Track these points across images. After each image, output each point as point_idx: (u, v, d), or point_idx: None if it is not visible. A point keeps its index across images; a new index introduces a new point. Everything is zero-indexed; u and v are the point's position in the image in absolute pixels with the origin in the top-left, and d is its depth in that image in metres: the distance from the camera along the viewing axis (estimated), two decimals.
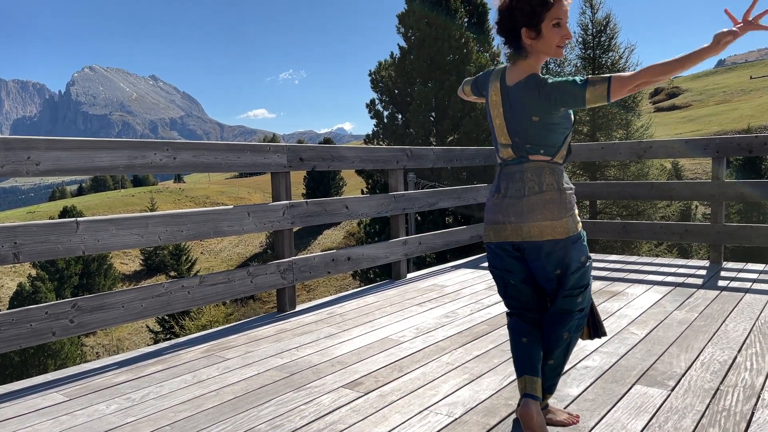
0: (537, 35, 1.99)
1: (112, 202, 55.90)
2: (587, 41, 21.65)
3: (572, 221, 2.05)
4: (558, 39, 2.00)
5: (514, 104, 2.07)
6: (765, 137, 4.99)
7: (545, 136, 2.04)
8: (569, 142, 2.10)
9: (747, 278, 4.62)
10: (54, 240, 2.79)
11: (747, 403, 2.30)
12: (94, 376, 2.82)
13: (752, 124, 44.61)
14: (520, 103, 2.05)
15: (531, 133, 2.05)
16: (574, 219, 2.06)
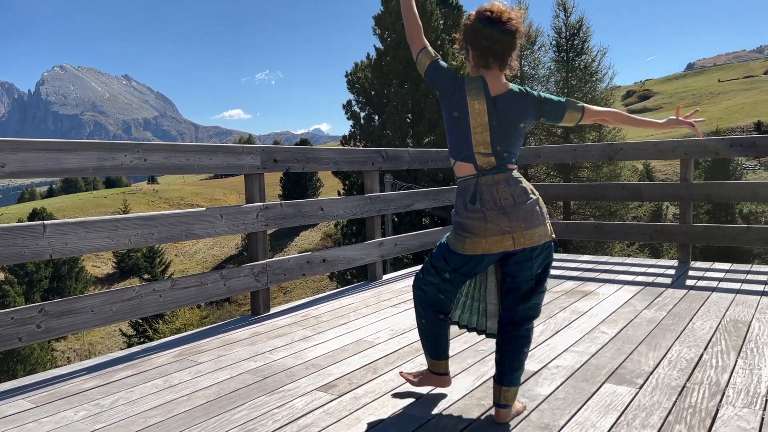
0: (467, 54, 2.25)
1: (83, 204, 54.83)
2: (561, 44, 21.93)
3: (550, 224, 2.24)
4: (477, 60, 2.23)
5: (504, 114, 2.18)
6: (730, 140, 5.12)
7: (518, 145, 2.23)
8: None
9: (713, 277, 4.73)
10: (20, 244, 2.73)
11: (712, 399, 2.36)
12: (63, 382, 2.76)
13: (720, 126, 45.67)
14: (512, 112, 2.18)
15: (512, 142, 2.19)
16: (548, 227, 2.23)
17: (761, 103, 61.01)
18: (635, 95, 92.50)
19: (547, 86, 22.64)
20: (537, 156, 6.23)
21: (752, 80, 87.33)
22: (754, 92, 73.04)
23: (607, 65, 22.15)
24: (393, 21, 18.35)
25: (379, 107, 18.42)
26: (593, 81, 21.58)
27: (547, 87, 22.66)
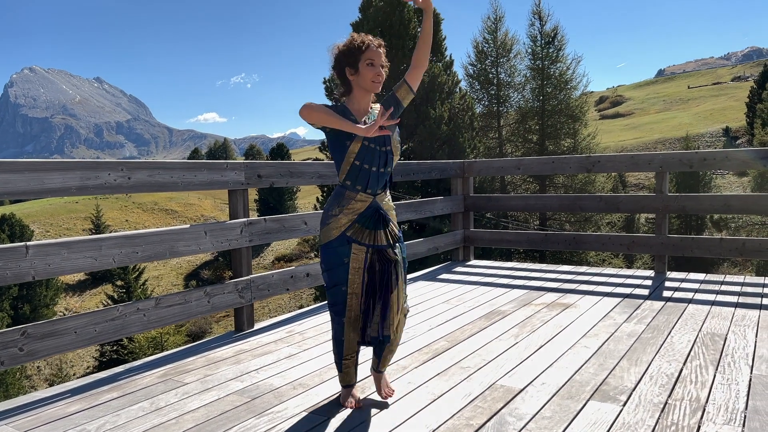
0: (355, 72, 2.50)
1: (54, 210, 53.71)
2: (536, 52, 22.24)
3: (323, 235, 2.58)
4: (372, 76, 2.48)
5: None
6: (704, 153, 5.26)
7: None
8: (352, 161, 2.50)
9: (689, 288, 4.85)
10: (1, 266, 2.69)
11: (693, 416, 2.42)
12: (46, 406, 2.72)
13: (690, 132, 46.68)
14: None
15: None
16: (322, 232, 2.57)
17: (729, 110, 62.51)
18: (608, 101, 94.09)
19: (523, 94, 22.95)
20: (517, 168, 6.31)
21: (720, 87, 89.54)
22: (722, 98, 74.83)
23: (582, 73, 22.45)
24: (371, 28, 18.40)
25: None
26: (568, 89, 21.93)
27: (522, 94, 22.96)
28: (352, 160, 2.49)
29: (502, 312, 4.24)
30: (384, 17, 18.33)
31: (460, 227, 6.41)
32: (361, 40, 2.50)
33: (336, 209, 2.54)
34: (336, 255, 2.55)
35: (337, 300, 2.59)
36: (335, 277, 2.57)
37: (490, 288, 5.09)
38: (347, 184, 2.54)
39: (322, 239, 2.57)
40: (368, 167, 2.50)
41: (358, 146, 2.48)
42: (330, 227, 2.55)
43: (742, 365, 3.01)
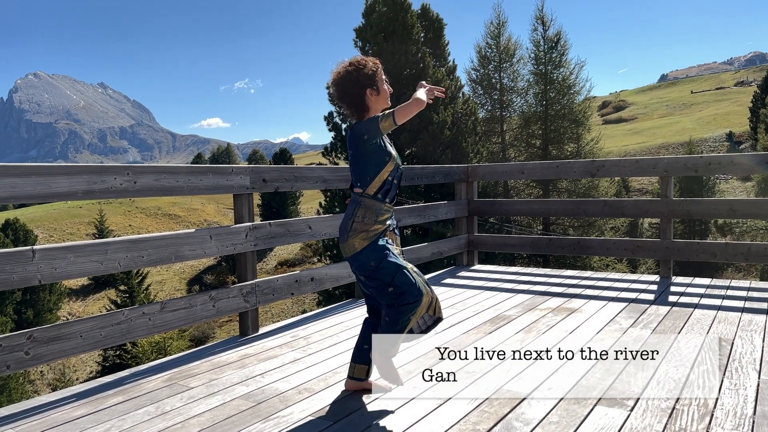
0: (377, 92, 2.67)
1: (58, 214, 53.84)
2: (539, 57, 22.25)
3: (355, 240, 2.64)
4: (389, 90, 2.72)
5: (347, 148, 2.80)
6: (709, 158, 5.25)
7: (357, 170, 2.68)
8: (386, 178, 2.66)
9: (695, 293, 4.83)
10: (8, 270, 2.69)
11: (702, 421, 2.41)
12: (51, 410, 2.72)
13: (693, 137, 46.62)
14: (348, 146, 2.71)
15: (354, 169, 2.70)
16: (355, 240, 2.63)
17: (732, 114, 62.41)
18: (611, 106, 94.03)
19: (526, 98, 22.96)
20: (521, 172, 6.31)
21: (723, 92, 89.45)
22: (725, 103, 74.73)
23: (585, 78, 22.50)
24: (374, 34, 18.46)
25: None
26: (571, 94, 21.93)
27: (525, 99, 22.97)
28: (386, 176, 2.67)
29: (507, 317, 4.23)
30: (387, 22, 18.37)
31: (464, 232, 6.41)
32: (372, 62, 2.69)
33: (372, 219, 2.66)
34: (381, 246, 2.64)
35: (408, 280, 2.61)
36: (395, 260, 2.63)
37: (494, 293, 5.07)
38: (378, 196, 2.68)
39: (358, 246, 2.63)
40: (396, 182, 2.73)
41: (393, 165, 2.69)
42: (367, 233, 2.64)
43: (749, 370, 2.99)
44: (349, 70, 2.66)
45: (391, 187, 2.70)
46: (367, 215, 2.66)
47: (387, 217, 2.71)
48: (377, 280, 2.63)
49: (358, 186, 2.69)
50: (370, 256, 2.62)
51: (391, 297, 2.62)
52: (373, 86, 2.66)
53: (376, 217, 2.66)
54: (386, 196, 2.70)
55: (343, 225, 2.70)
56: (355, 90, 2.65)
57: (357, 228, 2.64)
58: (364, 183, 2.66)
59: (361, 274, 2.69)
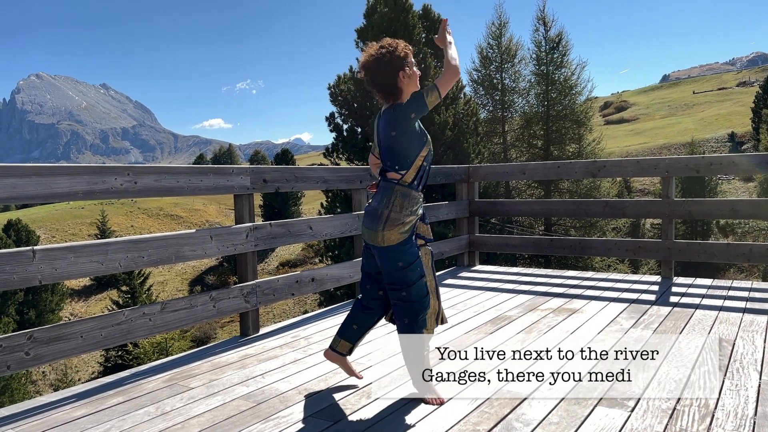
0: (409, 75, 2.64)
1: (60, 215, 53.92)
2: (540, 58, 22.24)
3: (386, 234, 2.61)
4: (418, 74, 2.69)
5: (380, 128, 2.73)
6: (710, 158, 5.24)
7: (395, 153, 2.65)
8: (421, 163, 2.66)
9: (696, 293, 4.82)
10: (9, 270, 2.69)
11: (702, 422, 2.40)
12: (52, 411, 2.72)
13: (695, 137, 46.56)
14: (384, 125, 2.69)
15: (389, 150, 2.66)
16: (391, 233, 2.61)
17: (734, 115, 62.29)
18: (612, 106, 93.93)
19: (528, 99, 22.95)
20: (522, 173, 6.30)
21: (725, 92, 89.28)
22: (727, 104, 74.60)
23: (586, 78, 22.45)
24: (375, 34, 18.44)
25: (363, 120, 18.47)
26: (573, 94, 21.91)
27: (527, 100, 22.96)
28: (421, 162, 2.68)
29: (508, 317, 4.22)
30: (388, 23, 18.37)
31: (465, 232, 6.40)
32: (404, 44, 2.68)
33: (408, 210, 2.65)
34: (414, 252, 2.68)
35: (422, 293, 2.67)
36: (420, 268, 2.68)
37: (495, 293, 5.07)
38: (414, 184, 2.68)
39: (393, 239, 2.62)
40: (428, 168, 2.75)
41: (428, 148, 2.70)
42: (404, 225, 2.63)
43: (750, 371, 2.98)
44: (382, 52, 2.64)
45: (424, 173, 2.72)
46: (405, 205, 2.65)
47: (419, 207, 2.72)
48: (397, 279, 2.65)
49: (395, 170, 2.66)
50: (401, 256, 2.64)
51: (400, 301, 2.68)
52: (405, 68, 2.64)
53: (412, 207, 2.67)
54: (420, 183, 2.71)
55: (376, 213, 2.65)
56: (389, 73, 2.63)
57: (394, 219, 2.62)
58: (404, 165, 2.64)
59: (383, 265, 2.68)
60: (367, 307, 2.88)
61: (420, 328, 2.70)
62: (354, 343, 2.91)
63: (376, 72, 2.65)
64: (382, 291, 2.83)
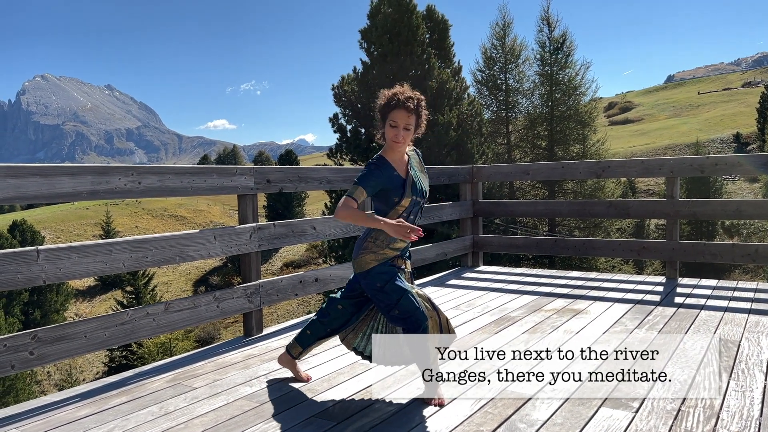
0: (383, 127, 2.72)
1: (65, 216, 54.10)
2: (545, 58, 22.20)
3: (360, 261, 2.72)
4: (392, 135, 2.68)
5: None
6: (715, 158, 5.22)
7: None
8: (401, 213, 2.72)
9: (701, 294, 4.80)
10: (13, 270, 2.70)
11: (707, 423, 2.39)
12: (56, 410, 2.73)
13: (700, 138, 46.41)
14: None
15: None
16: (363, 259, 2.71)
17: (740, 115, 62.05)
18: (617, 107, 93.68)
19: (532, 99, 22.91)
20: (526, 173, 6.29)
21: (730, 92, 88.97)
22: (732, 104, 74.31)
23: (591, 79, 22.38)
24: (379, 35, 18.46)
25: (366, 120, 18.48)
26: (577, 95, 21.86)
27: (531, 100, 22.92)
28: (401, 212, 2.73)
29: (512, 318, 4.21)
30: (392, 24, 18.37)
31: (469, 233, 6.39)
32: (392, 97, 2.68)
33: (385, 243, 2.72)
34: (389, 269, 2.72)
35: (412, 307, 2.67)
36: (400, 284, 2.70)
37: (499, 294, 5.06)
38: None
39: (364, 266, 2.72)
40: (413, 218, 2.79)
41: (408, 201, 2.73)
42: (377, 255, 2.71)
43: (756, 372, 2.97)
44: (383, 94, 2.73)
45: (407, 221, 2.74)
46: (380, 237, 2.73)
47: (400, 246, 2.77)
48: (383, 301, 2.71)
49: (375, 213, 2.76)
50: (377, 277, 2.70)
51: (397, 320, 2.71)
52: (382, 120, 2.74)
53: (389, 242, 2.73)
54: None
55: (358, 242, 2.80)
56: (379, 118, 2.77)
57: (369, 247, 2.72)
58: (378, 214, 2.74)
59: (367, 291, 2.77)
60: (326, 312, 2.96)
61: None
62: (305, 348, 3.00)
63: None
64: (342, 306, 2.90)
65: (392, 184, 2.69)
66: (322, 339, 2.97)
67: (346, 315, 2.90)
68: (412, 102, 2.67)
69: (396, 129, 2.68)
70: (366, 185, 2.63)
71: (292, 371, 3.06)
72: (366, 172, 2.66)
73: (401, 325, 2.71)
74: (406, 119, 2.67)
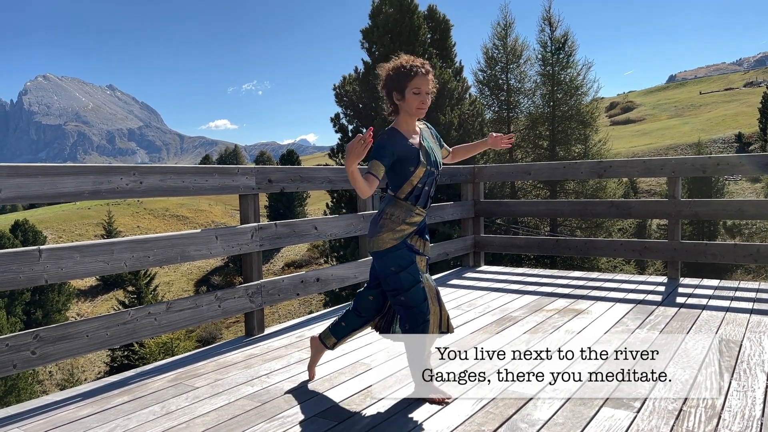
0: (402, 98, 2.66)
1: (67, 216, 54.19)
2: (546, 58, 22.19)
3: (375, 241, 2.68)
4: (417, 104, 2.65)
5: None
6: (717, 158, 5.21)
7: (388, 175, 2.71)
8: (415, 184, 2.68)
9: (703, 294, 4.80)
10: (15, 269, 2.71)
11: (709, 424, 2.39)
12: (57, 410, 2.73)
13: (702, 138, 46.33)
14: None
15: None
16: (379, 239, 2.67)
17: (741, 115, 61.94)
18: (618, 107, 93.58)
19: (533, 99, 22.90)
20: (527, 173, 6.29)
21: (732, 92, 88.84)
22: (734, 104, 74.19)
23: (592, 79, 22.35)
24: (381, 35, 18.47)
25: (368, 120, 18.48)
26: (579, 95, 21.85)
27: (533, 100, 22.91)
28: (415, 182, 2.68)
29: (513, 318, 4.21)
30: (394, 24, 18.38)
31: (471, 233, 6.39)
32: (409, 66, 2.64)
33: (401, 219, 2.68)
34: (407, 255, 2.68)
35: (420, 298, 2.65)
36: (414, 273, 2.67)
37: (500, 294, 5.06)
38: (409, 202, 2.71)
39: (382, 245, 2.67)
40: (428, 189, 2.74)
41: (423, 171, 2.68)
42: (394, 233, 2.67)
43: (757, 372, 2.96)
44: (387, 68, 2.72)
45: (421, 193, 2.72)
46: (395, 213, 2.69)
47: (417, 221, 2.73)
48: (392, 285, 2.68)
49: (389, 189, 2.74)
50: (392, 261, 2.67)
51: (400, 307, 2.69)
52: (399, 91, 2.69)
53: (405, 217, 2.69)
54: (417, 201, 2.72)
55: (373, 220, 2.75)
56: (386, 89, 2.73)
57: (385, 225, 2.68)
58: (394, 188, 2.72)
59: (379, 271, 2.73)
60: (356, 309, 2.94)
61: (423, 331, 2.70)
62: (339, 339, 2.98)
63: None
64: (372, 297, 2.87)
65: (407, 152, 2.65)
66: (356, 330, 2.95)
67: (378, 304, 2.89)
68: (429, 65, 2.70)
69: (420, 96, 2.65)
70: (382, 157, 2.59)
71: (313, 358, 3.07)
72: (379, 144, 2.61)
73: (402, 314, 2.69)
74: (428, 84, 2.67)
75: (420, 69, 2.64)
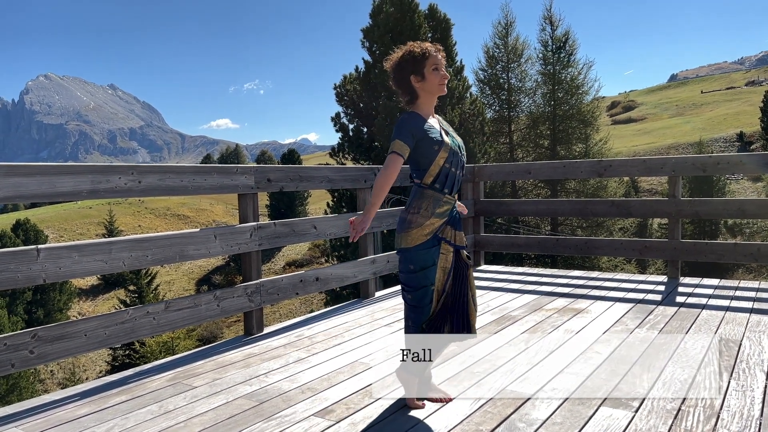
0: (422, 79, 2.61)
1: (68, 215, 54.24)
2: (547, 57, 22.17)
3: (401, 237, 2.61)
4: (438, 80, 2.63)
5: None
6: (717, 157, 5.20)
7: (413, 164, 2.64)
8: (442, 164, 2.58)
9: (703, 294, 4.79)
10: (13, 269, 2.70)
11: (707, 423, 2.38)
12: (56, 409, 2.73)
13: (703, 137, 46.28)
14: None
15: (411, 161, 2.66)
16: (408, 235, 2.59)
17: (743, 114, 61.87)
18: (620, 106, 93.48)
19: (534, 99, 22.88)
20: (528, 173, 6.28)
21: (734, 91, 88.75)
22: (736, 103, 74.11)
23: (593, 78, 22.35)
24: (381, 34, 18.46)
25: (368, 119, 18.48)
26: (579, 94, 21.83)
27: (533, 99, 22.90)
28: (442, 163, 2.58)
29: (512, 317, 4.21)
30: (394, 23, 18.37)
31: (471, 232, 6.39)
32: (422, 48, 2.63)
33: (430, 211, 2.59)
34: (430, 256, 2.59)
35: (425, 300, 2.60)
36: (430, 276, 2.60)
37: (500, 293, 5.05)
38: (436, 187, 2.61)
39: (411, 242, 2.58)
40: (455, 171, 2.64)
41: (448, 151, 2.60)
42: (423, 228, 2.58)
43: (757, 372, 2.96)
44: (396, 58, 2.69)
45: (448, 176, 2.61)
46: (423, 206, 2.59)
47: (446, 210, 2.62)
48: (406, 280, 2.65)
49: (415, 176, 2.66)
50: (414, 259, 2.60)
51: (406, 300, 2.68)
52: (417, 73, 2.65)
53: (434, 208, 2.59)
54: (444, 185, 2.61)
55: (401, 216, 2.66)
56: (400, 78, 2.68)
57: (415, 221, 2.59)
58: (419, 174, 2.63)
59: (400, 263, 2.68)
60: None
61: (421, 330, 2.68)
62: None
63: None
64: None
65: (429, 132, 2.58)
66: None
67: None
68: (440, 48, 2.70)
69: (440, 72, 2.62)
70: (405, 137, 2.54)
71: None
72: (400, 124, 2.57)
73: (407, 307, 2.68)
74: (443, 61, 2.66)
75: (432, 48, 2.64)
